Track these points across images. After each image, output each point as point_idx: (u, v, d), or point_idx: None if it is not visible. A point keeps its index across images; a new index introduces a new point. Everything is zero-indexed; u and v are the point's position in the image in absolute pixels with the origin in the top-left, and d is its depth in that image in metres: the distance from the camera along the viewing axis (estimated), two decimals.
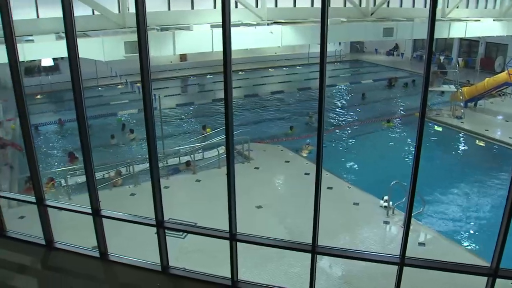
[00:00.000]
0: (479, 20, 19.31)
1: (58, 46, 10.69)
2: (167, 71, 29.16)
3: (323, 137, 4.79)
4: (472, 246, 10.71)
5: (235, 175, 5.14)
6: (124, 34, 12.29)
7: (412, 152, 14.39)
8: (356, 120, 21.39)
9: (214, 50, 13.53)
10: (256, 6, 15.38)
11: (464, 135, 18.71)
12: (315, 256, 5.18)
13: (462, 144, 18.43)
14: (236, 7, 14.61)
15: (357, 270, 8.60)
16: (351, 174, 14.75)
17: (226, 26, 4.54)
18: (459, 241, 10.84)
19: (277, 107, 23.48)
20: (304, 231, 5.61)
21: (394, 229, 10.57)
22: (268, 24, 14.72)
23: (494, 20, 19.76)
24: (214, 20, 13.42)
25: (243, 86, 27.07)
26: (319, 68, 4.54)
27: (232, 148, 5.08)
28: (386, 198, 11.13)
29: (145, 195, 6.33)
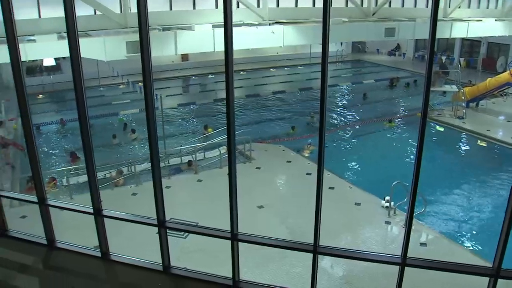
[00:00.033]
0: (481, 20, 19.29)
1: (60, 46, 10.75)
2: (169, 71, 29.12)
3: (324, 137, 4.79)
4: (474, 247, 10.69)
5: (236, 175, 5.13)
6: (126, 34, 12.34)
7: (413, 152, 14.33)
8: (358, 120, 21.36)
9: (215, 50, 13.56)
10: (258, 6, 15.40)
11: (465, 135, 18.66)
12: (317, 256, 5.17)
13: (464, 144, 18.37)
14: (238, 7, 14.63)
15: (358, 270, 8.60)
16: (353, 174, 14.74)
17: (228, 26, 4.53)
18: (461, 241, 10.83)
19: (278, 107, 23.46)
20: (305, 231, 5.60)
21: (396, 229, 10.56)
22: (269, 24, 14.74)
23: (496, 20, 19.74)
24: (215, 20, 13.43)
25: (244, 86, 27.08)
26: (321, 68, 4.53)
27: (234, 148, 5.07)
28: (387, 198, 11.12)
29: (146, 195, 6.34)
